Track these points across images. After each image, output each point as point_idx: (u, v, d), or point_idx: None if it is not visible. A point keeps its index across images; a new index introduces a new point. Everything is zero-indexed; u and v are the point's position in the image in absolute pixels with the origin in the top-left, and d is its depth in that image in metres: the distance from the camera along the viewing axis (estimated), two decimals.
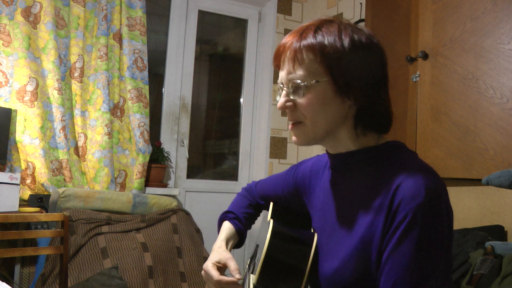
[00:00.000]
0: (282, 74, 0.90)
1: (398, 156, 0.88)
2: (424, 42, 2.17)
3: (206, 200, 3.27)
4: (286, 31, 3.38)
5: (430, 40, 2.14)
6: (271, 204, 1.18)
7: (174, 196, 3.04)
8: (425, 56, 2.15)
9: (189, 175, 3.26)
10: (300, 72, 0.86)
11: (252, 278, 0.96)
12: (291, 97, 0.89)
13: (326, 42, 0.85)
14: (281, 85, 0.91)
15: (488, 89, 1.89)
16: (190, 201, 3.22)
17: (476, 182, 1.98)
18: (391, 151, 0.90)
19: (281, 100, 0.90)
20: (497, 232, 1.92)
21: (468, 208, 2.10)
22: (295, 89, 0.87)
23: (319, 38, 0.86)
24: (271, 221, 1.03)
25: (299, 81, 0.86)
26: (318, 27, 0.88)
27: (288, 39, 0.90)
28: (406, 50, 2.27)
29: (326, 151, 0.99)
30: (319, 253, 0.97)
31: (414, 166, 0.83)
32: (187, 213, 2.82)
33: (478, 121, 1.91)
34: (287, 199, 1.16)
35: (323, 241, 0.97)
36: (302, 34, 0.88)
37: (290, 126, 0.93)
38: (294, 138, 0.93)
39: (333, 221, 0.94)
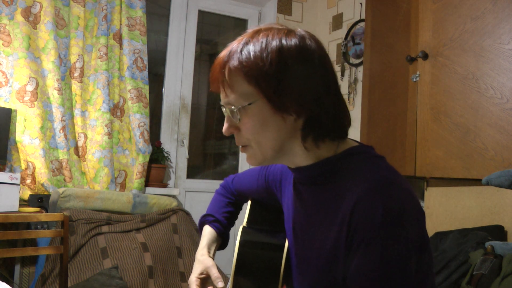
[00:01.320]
0: (221, 97, 0.86)
1: (358, 166, 0.82)
2: (424, 42, 2.17)
3: (206, 200, 3.27)
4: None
5: (430, 40, 2.14)
6: (249, 203, 1.15)
7: (174, 196, 3.04)
8: (425, 56, 2.15)
9: (189, 175, 3.26)
10: (232, 96, 0.82)
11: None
12: (232, 122, 0.85)
13: (251, 62, 0.79)
14: (223, 108, 0.87)
15: (488, 89, 1.89)
16: (190, 201, 3.22)
17: (476, 182, 1.97)
18: (350, 160, 0.84)
19: (224, 125, 0.86)
20: (497, 232, 1.92)
21: (468, 208, 2.10)
22: (233, 114, 0.83)
23: (245, 55, 0.80)
24: (240, 228, 1.01)
25: (233, 107, 0.82)
26: (244, 45, 0.82)
27: (216, 64, 0.85)
28: (406, 50, 2.27)
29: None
30: (291, 263, 0.95)
31: (373, 178, 0.78)
32: (187, 213, 2.82)
33: (478, 121, 1.91)
34: (262, 196, 1.13)
35: (294, 252, 0.94)
36: (229, 55, 0.83)
37: (240, 149, 0.88)
38: (247, 159, 0.88)
39: (301, 233, 0.92)
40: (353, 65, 3.05)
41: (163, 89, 3.22)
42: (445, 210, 2.18)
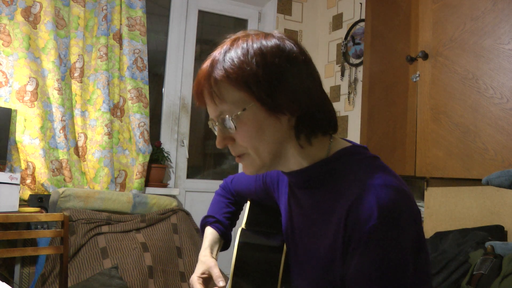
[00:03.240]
0: (209, 111, 0.85)
1: (351, 168, 0.82)
2: (424, 42, 2.17)
3: (206, 200, 3.27)
4: (286, 31, 3.38)
5: (430, 40, 2.14)
6: (248, 204, 1.15)
7: (174, 196, 3.04)
8: (425, 56, 2.15)
9: (189, 175, 3.26)
10: (223, 105, 0.80)
11: None
12: (226, 133, 0.83)
13: (237, 64, 0.79)
14: (213, 122, 0.86)
15: (488, 89, 1.89)
16: (190, 201, 3.22)
17: (476, 182, 1.98)
18: (343, 161, 0.84)
19: (218, 139, 0.85)
20: (497, 232, 1.92)
21: (468, 208, 2.10)
22: (226, 124, 0.81)
23: (228, 62, 0.79)
24: (239, 230, 1.01)
25: (227, 116, 0.80)
26: (225, 53, 0.82)
27: (199, 76, 0.84)
28: (406, 50, 2.27)
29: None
30: (290, 265, 0.95)
31: (368, 179, 0.77)
32: (187, 213, 2.82)
33: (478, 121, 1.91)
34: (260, 197, 1.13)
35: (292, 255, 0.95)
36: (211, 65, 0.82)
37: (236, 159, 0.87)
38: (243, 169, 0.87)
39: (298, 235, 0.92)
40: (353, 65, 3.05)
41: (163, 89, 3.22)
42: (445, 210, 2.18)
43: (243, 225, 1.08)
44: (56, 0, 2.69)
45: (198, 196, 3.25)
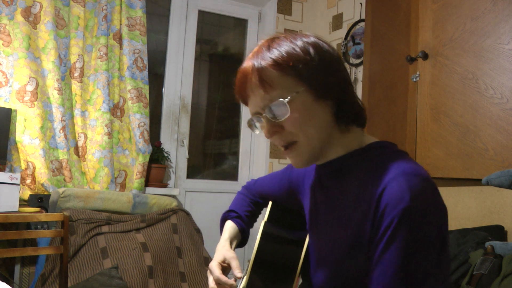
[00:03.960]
0: (256, 102, 0.87)
1: (383, 158, 0.86)
2: (424, 42, 2.17)
3: (206, 200, 3.27)
4: (286, 31, 3.38)
5: (430, 40, 2.14)
6: (270, 203, 1.18)
7: (174, 196, 3.04)
8: (425, 56, 2.15)
9: (189, 175, 3.26)
10: (275, 91, 0.83)
11: (244, 281, 0.96)
12: (275, 121, 0.85)
13: (284, 53, 0.84)
14: (259, 115, 0.88)
15: (488, 89, 1.89)
16: (190, 201, 3.22)
17: (476, 182, 1.98)
18: (376, 153, 0.88)
19: (266, 128, 0.86)
20: (497, 232, 1.92)
21: (468, 208, 2.10)
22: (278, 110, 0.83)
23: (276, 52, 0.84)
24: (262, 223, 1.03)
25: (280, 99, 0.83)
26: (268, 44, 0.86)
27: (247, 66, 0.87)
28: (406, 50, 2.27)
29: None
30: (310, 258, 0.96)
31: (400, 168, 0.81)
32: (187, 213, 2.82)
33: (478, 121, 1.91)
34: (283, 198, 1.16)
35: (314, 245, 0.96)
36: (257, 56, 0.86)
37: (283, 152, 0.89)
38: (292, 161, 0.90)
39: (323, 226, 0.94)
40: (353, 65, 3.05)
41: (163, 89, 3.22)
42: None
43: (265, 219, 1.11)
44: (56, 0, 2.69)
45: (198, 196, 3.25)
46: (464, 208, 2.12)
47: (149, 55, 2.98)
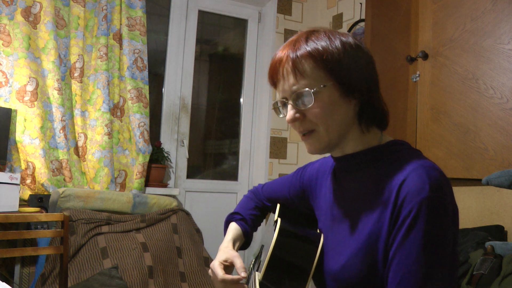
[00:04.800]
0: (285, 88, 0.91)
1: (402, 154, 0.89)
2: (424, 42, 2.17)
3: (206, 200, 3.27)
4: (286, 31, 3.38)
5: (430, 40, 2.14)
6: (278, 205, 1.19)
7: (174, 196, 3.04)
8: (425, 56, 2.15)
9: (189, 175, 3.26)
10: (304, 81, 0.88)
11: (258, 275, 0.97)
12: (299, 108, 0.89)
13: (320, 48, 0.88)
14: (285, 100, 0.92)
15: (488, 89, 1.89)
16: (190, 201, 3.22)
17: (476, 182, 1.97)
18: (395, 149, 0.91)
19: (289, 113, 0.90)
20: (497, 232, 1.92)
21: (468, 208, 2.10)
22: (303, 98, 0.88)
23: (313, 45, 0.88)
24: (279, 219, 1.04)
25: (307, 88, 0.87)
26: (307, 36, 0.90)
27: (283, 53, 0.91)
28: (406, 50, 2.27)
29: (331, 155, 1.00)
30: (325, 252, 0.97)
31: (419, 162, 0.84)
32: (187, 213, 2.82)
33: (478, 121, 1.91)
34: (293, 202, 1.17)
35: (329, 241, 0.97)
36: (295, 45, 0.90)
37: (301, 137, 0.93)
38: (308, 147, 0.93)
39: (339, 220, 0.95)
40: None
41: (163, 89, 3.22)
42: None
43: (276, 217, 1.12)
44: (56, 0, 2.69)
45: (198, 196, 3.25)
46: (464, 208, 2.12)
47: (149, 55, 2.98)
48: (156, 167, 2.99)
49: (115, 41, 2.84)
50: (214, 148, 3.53)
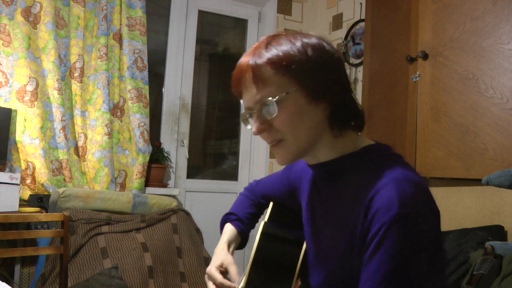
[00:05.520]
0: (248, 98, 0.87)
1: (378, 162, 0.85)
2: (424, 42, 2.17)
3: (206, 200, 3.27)
4: (286, 31, 3.38)
5: (430, 40, 2.14)
6: (271, 204, 1.18)
7: (174, 196, 3.04)
8: (425, 56, 2.15)
9: (189, 175, 3.26)
10: (266, 90, 0.83)
11: (243, 281, 0.96)
12: (265, 118, 0.85)
13: (281, 53, 0.83)
14: (249, 111, 0.88)
15: (488, 89, 1.89)
16: (190, 201, 3.22)
17: (476, 182, 1.97)
18: (370, 157, 0.87)
19: (255, 125, 0.86)
20: (497, 232, 1.92)
21: (468, 208, 2.10)
22: (267, 108, 0.84)
23: (273, 51, 0.84)
24: (262, 223, 1.03)
25: (270, 98, 0.83)
26: (267, 42, 0.86)
27: (242, 62, 0.87)
28: (406, 50, 2.27)
29: (306, 163, 0.96)
30: (308, 260, 0.96)
31: (392, 173, 0.80)
32: (187, 213, 2.82)
33: (478, 121, 1.91)
34: (284, 199, 1.16)
35: (311, 248, 0.96)
36: (254, 53, 0.85)
37: (271, 148, 0.89)
38: (277, 158, 0.90)
39: (319, 229, 0.93)
40: (353, 65, 3.05)
41: (163, 89, 3.22)
42: (445, 210, 2.18)
43: (265, 219, 1.11)
44: (56, 0, 2.69)
45: (198, 196, 3.25)
46: (464, 208, 2.12)
47: (149, 55, 2.98)
48: (156, 167, 2.99)
49: (115, 41, 2.84)
50: (214, 148, 3.53)
